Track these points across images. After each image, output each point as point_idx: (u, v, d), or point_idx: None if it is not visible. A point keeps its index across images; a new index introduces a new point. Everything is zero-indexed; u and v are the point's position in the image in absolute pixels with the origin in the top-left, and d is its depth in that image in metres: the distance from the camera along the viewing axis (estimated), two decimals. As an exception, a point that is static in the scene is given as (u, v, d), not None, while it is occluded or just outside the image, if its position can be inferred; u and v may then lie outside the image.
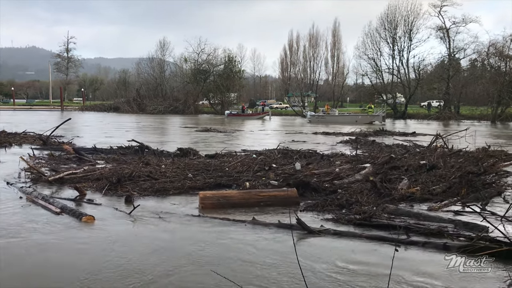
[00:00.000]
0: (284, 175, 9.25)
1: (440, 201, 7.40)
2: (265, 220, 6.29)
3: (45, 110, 61.44)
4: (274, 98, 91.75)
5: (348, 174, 9.26)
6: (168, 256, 4.91)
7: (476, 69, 52.25)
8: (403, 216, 6.41)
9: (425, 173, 9.41)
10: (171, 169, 9.75)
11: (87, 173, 9.14)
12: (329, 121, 37.72)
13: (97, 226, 6.03)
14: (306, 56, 72.14)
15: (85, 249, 5.16)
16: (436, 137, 14.54)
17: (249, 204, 7.15)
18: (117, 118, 43.33)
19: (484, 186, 8.52)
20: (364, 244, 5.32)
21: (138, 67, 75.34)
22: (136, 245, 5.29)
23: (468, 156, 12.06)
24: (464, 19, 49.49)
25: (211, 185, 8.56)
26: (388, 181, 8.57)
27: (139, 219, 6.40)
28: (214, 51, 65.25)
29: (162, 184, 8.39)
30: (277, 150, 13.34)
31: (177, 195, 7.98)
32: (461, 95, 49.70)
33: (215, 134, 24.65)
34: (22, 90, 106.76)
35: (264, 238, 5.55)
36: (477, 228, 5.67)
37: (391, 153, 12.58)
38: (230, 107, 58.90)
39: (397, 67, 56.21)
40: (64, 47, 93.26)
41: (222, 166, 10.29)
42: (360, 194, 7.49)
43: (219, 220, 6.37)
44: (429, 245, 5.17)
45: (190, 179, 8.80)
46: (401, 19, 55.14)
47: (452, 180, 8.58)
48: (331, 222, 6.23)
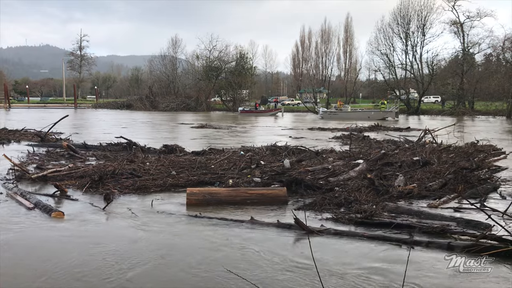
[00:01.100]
0: (272, 173, 9.09)
1: (439, 198, 7.29)
2: (263, 219, 6.10)
3: (59, 108, 62.05)
4: (286, 94, 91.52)
5: (342, 171, 9.11)
6: (143, 250, 4.94)
7: (491, 64, 51.37)
8: (403, 215, 6.26)
9: (419, 169, 9.35)
10: (155, 166, 9.61)
11: (71, 171, 9.08)
12: (342, 117, 37.45)
13: (65, 221, 6.10)
14: (318, 52, 72.13)
15: (44, 243, 5.24)
16: (425, 132, 14.82)
17: (236, 202, 7.00)
18: (124, 115, 43.45)
19: (480, 182, 8.48)
20: (366, 244, 5.17)
21: (151, 65, 75.89)
22: (106, 241, 5.28)
23: (458, 151, 12.14)
24: (479, 13, 48.94)
25: (193, 183, 8.41)
26: (383, 178, 8.48)
27: (114, 215, 6.43)
28: (226, 48, 65.43)
29: (143, 182, 8.27)
30: (265, 147, 13.13)
31: (159, 192, 7.90)
32: (475, 90, 48.96)
33: (213, 130, 24.70)
34: (36, 88, 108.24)
35: (268, 238, 5.42)
36: (480, 226, 5.53)
37: (381, 149, 12.72)
38: (242, 104, 58.97)
39: (410, 63, 55.75)
40: (77, 45, 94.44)
41: (208, 163, 10.12)
42: (358, 192, 7.33)
43: (191, 217, 6.34)
44: (433, 244, 5.00)
45: (173, 177, 8.70)
46: (414, 13, 54.63)
47: (447, 176, 8.53)
48: (331, 222, 6.06)
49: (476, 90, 49.06)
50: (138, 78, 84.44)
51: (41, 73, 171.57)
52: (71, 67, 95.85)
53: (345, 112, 40.47)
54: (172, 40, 73.86)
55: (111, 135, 15.80)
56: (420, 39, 54.71)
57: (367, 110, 42.95)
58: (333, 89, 73.76)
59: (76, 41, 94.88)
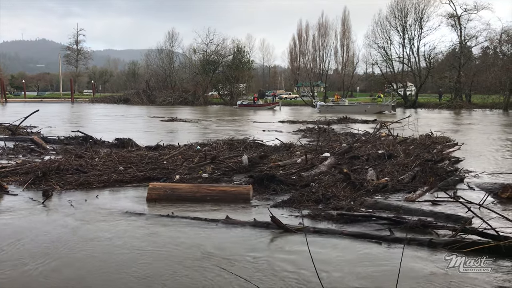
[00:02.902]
0: (226, 169, 9.00)
1: (414, 191, 7.31)
2: (239, 218, 5.91)
3: (56, 103, 61.89)
4: (283, 88, 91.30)
5: (313, 165, 9.08)
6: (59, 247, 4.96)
7: (488, 57, 51.30)
8: (382, 210, 6.19)
9: (387, 162, 9.46)
10: (103, 162, 9.43)
11: (17, 167, 8.96)
12: (338, 111, 37.38)
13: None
14: (315, 46, 71.65)
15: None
16: (380, 125, 15.45)
17: (196, 198, 6.81)
18: (113, 110, 42.96)
19: (448, 174, 8.64)
20: (346, 242, 5.06)
21: (147, 59, 75.51)
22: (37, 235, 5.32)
23: (417, 144, 12.52)
24: (476, 6, 48.80)
25: (139, 179, 8.31)
26: (353, 172, 8.49)
27: (51, 210, 6.46)
28: (223, 41, 65.17)
29: (87, 178, 8.15)
30: (223, 141, 12.88)
31: (102, 188, 7.80)
32: (472, 83, 48.89)
33: (183, 124, 24.81)
34: (33, 83, 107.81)
35: (241, 237, 5.29)
36: (460, 220, 5.49)
37: (340, 142, 13.19)
38: (240, 98, 58.90)
39: (408, 56, 55.81)
40: (73, 40, 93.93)
41: (160, 159, 9.93)
42: (335, 187, 7.23)
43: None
44: (414, 242, 4.92)
45: (119, 173, 8.54)
46: (412, 7, 54.58)
47: (415, 169, 8.67)
48: (308, 219, 5.87)
49: (473, 83, 48.93)
50: (135, 72, 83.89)
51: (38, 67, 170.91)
52: (67, 62, 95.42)
53: (342, 106, 40.48)
54: (169, 34, 73.50)
55: (85, 128, 16.02)
56: (418, 32, 54.85)
57: (364, 104, 42.94)
58: (331, 83, 73.57)
59: (72, 35, 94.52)
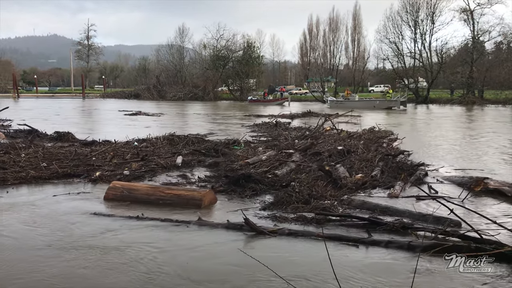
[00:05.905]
0: (155, 165, 8.88)
1: (392, 187, 7.31)
2: (212, 220, 5.76)
3: (67, 98, 62.36)
4: (294, 83, 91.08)
5: (281, 162, 9.02)
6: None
7: (501, 52, 50.57)
8: (370, 210, 6.08)
9: (351, 158, 9.53)
10: (27, 157, 9.19)
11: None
12: (348, 106, 37.22)
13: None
14: (326, 41, 71.54)
15: None
16: (325, 119, 15.78)
17: (150, 201, 6.57)
18: (113, 105, 42.07)
19: (413, 168, 8.71)
20: (320, 245, 4.62)
21: (158, 54, 75.60)
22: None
23: (364, 138, 12.75)
24: (489, 1, 48.02)
25: (60, 175, 8.14)
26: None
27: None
28: (233, 37, 65.13)
29: (3, 174, 7.89)
30: (163, 136, 12.56)
31: (17, 185, 7.57)
32: (485, 79, 48.27)
33: (145, 117, 24.95)
34: (45, 78, 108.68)
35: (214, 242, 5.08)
36: (450, 223, 5.32)
37: (285, 136, 13.56)
38: (250, 93, 58.95)
39: (419, 51, 55.14)
40: (84, 35, 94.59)
41: (90, 155, 9.70)
42: (317, 187, 7.07)
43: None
44: (392, 244, 4.77)
45: (40, 169, 8.35)
46: (424, 1, 53.84)
47: (379, 163, 8.74)
48: (291, 221, 5.69)
49: (486, 79, 48.26)
50: (145, 67, 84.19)
51: (49, 63, 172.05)
52: (78, 57, 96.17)
53: (351, 101, 40.32)
54: (179, 29, 73.45)
55: (55, 125, 16.55)
56: (429, 27, 54.13)
57: (373, 100, 42.74)
58: (341, 78, 73.12)
59: (83, 31, 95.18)
